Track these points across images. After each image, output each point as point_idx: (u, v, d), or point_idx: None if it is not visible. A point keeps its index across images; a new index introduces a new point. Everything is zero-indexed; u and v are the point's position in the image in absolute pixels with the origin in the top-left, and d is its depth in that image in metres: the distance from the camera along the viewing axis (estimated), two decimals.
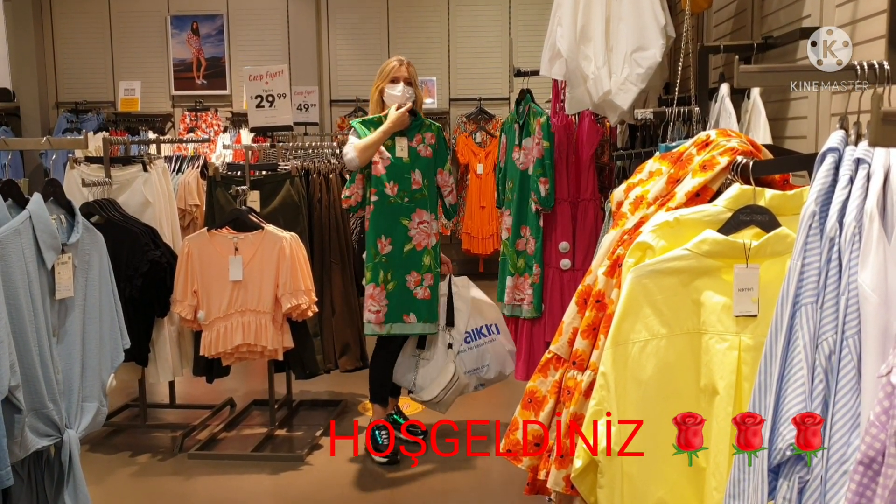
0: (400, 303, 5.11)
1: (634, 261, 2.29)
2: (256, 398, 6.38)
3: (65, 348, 2.81)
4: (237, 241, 5.20)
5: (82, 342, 2.88)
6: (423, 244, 5.17)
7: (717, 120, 3.50)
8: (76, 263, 2.87)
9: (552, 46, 4.44)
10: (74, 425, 2.87)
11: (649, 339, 2.24)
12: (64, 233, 2.87)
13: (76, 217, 2.95)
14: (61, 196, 2.93)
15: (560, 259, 5.39)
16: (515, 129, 5.51)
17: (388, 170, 5.08)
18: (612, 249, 2.48)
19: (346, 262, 5.90)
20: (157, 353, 5.50)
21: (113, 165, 5.56)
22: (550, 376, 2.59)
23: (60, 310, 2.81)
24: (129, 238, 5.22)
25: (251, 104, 6.21)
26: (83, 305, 2.91)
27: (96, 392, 2.94)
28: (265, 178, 5.75)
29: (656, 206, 2.45)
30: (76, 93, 12.03)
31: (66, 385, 2.80)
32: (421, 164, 5.19)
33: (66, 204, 2.94)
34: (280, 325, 5.23)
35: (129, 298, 5.18)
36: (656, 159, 2.60)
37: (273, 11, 11.80)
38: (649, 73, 4.11)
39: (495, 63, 11.63)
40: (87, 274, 2.95)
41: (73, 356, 2.84)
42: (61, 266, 2.76)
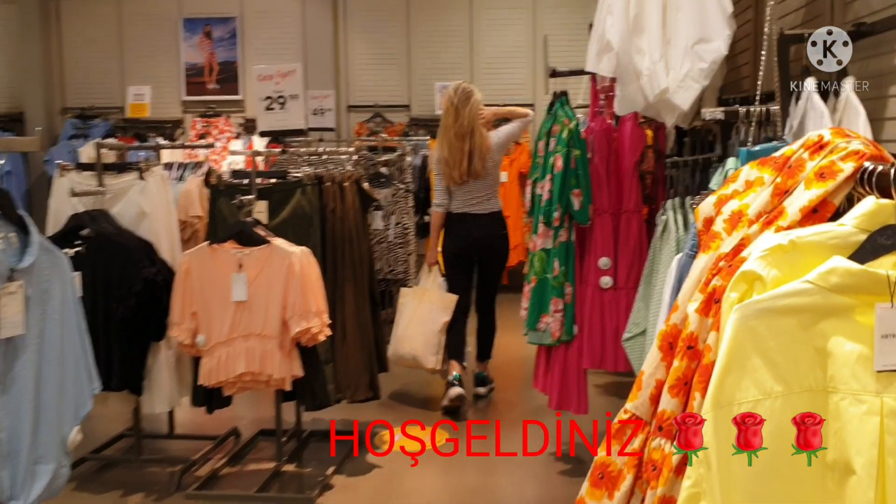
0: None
1: (738, 296, 1.75)
2: (264, 427, 5.83)
3: (11, 399, 2.27)
4: (241, 257, 4.67)
5: (36, 391, 2.33)
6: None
7: (803, 120, 2.95)
8: (30, 293, 2.34)
9: (601, 38, 3.87)
10: (21, 496, 2.30)
11: (760, 400, 1.70)
12: (14, 255, 2.33)
13: (31, 236, 2.40)
14: (11, 210, 2.38)
15: (600, 276, 4.85)
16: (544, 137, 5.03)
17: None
18: (706, 279, 1.93)
19: (359, 279, 5.33)
20: (153, 381, 4.99)
21: (106, 173, 5.05)
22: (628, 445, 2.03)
23: (7, 351, 2.27)
24: (123, 253, 4.73)
25: (260, 106, 5.67)
26: (38, 345, 2.37)
27: (53, 451, 2.39)
28: (274, 186, 5.20)
29: (761, 225, 1.90)
30: (84, 98, 11.69)
31: (12, 446, 2.26)
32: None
33: (18, 220, 2.39)
34: (288, 352, 4.69)
35: (122, 320, 4.73)
36: (754, 166, 2.05)
37: (288, 13, 11.46)
38: (713, 68, 3.56)
39: (521, 67, 11.20)
40: (46, 306, 2.41)
41: (22, 409, 2.29)
42: (7, 297, 2.22)
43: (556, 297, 4.92)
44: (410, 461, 5.40)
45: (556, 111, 5.00)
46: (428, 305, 6.40)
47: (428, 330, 6.32)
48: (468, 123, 6.18)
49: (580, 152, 4.77)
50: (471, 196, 6.38)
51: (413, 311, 6.43)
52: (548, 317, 4.96)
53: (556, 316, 4.92)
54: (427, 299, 6.45)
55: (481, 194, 6.39)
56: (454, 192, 6.40)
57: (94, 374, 2.60)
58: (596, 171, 4.82)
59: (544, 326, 4.99)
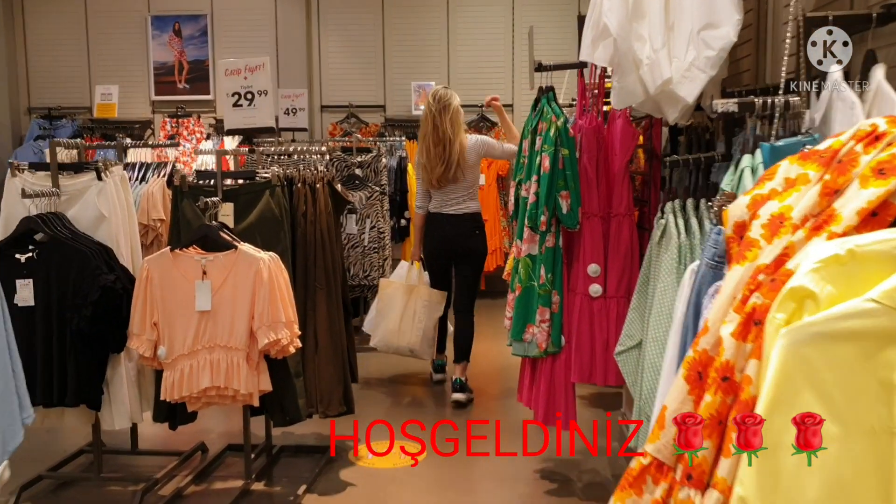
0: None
1: (786, 317, 1.46)
2: (233, 441, 5.51)
3: None
4: (205, 264, 4.36)
5: None
6: None
7: (828, 113, 2.65)
8: None
9: (596, 23, 3.55)
10: None
11: None
12: None
13: None
14: None
15: (589, 284, 4.55)
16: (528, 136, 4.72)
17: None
18: (742, 296, 1.62)
19: (332, 287, 4.99)
20: (112, 396, 4.67)
21: (62, 173, 4.72)
22: (647, 493, 1.71)
23: None
24: (78, 259, 4.42)
25: (227, 103, 5.35)
26: None
27: None
28: (241, 187, 4.85)
29: (807, 231, 1.60)
30: (50, 97, 11.36)
31: None
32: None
33: None
34: (256, 365, 4.38)
35: (78, 331, 4.41)
36: (795, 161, 1.75)
37: (260, 11, 11.17)
38: (721, 56, 3.25)
39: (499, 67, 10.92)
40: None
41: None
42: None
43: (542, 307, 4.61)
44: (386, 477, 5.12)
45: (543, 107, 4.67)
46: (421, 301, 6.65)
47: (424, 326, 6.62)
48: (444, 132, 6.40)
49: (569, 151, 4.47)
50: (448, 198, 6.58)
51: (404, 305, 6.66)
52: (534, 327, 4.66)
53: (543, 326, 4.61)
54: (418, 294, 6.68)
55: (458, 195, 6.56)
56: (433, 193, 6.62)
57: (25, 403, 2.29)
58: (585, 172, 4.51)
59: (530, 337, 4.68)
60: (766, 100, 2.75)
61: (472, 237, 6.66)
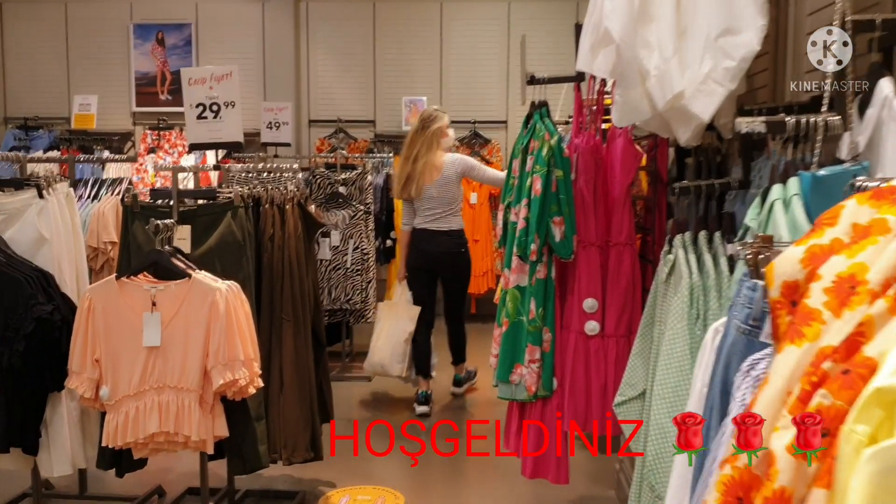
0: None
1: (870, 431, 0.99)
2: (193, 485, 5.00)
3: None
4: (155, 294, 3.88)
5: None
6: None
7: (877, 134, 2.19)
8: None
9: (596, 28, 3.04)
10: None
11: None
12: None
13: None
14: None
15: (584, 321, 4.09)
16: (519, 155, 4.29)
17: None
18: (801, 391, 1.15)
19: (300, 318, 4.52)
20: (52, 439, 4.22)
21: (1, 190, 4.25)
22: None
23: None
24: (11, 287, 3.97)
25: (191, 115, 4.87)
26: None
27: None
28: (199, 208, 4.38)
29: (892, 301, 1.13)
30: (27, 107, 10.93)
31: None
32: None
33: None
34: (210, 408, 3.89)
35: (9, 368, 3.95)
36: (865, 200, 1.27)
37: (247, 21, 10.75)
38: (743, 67, 2.76)
39: (492, 82, 10.53)
40: None
41: None
42: None
43: (531, 345, 4.15)
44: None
45: (535, 124, 4.22)
46: (396, 317, 6.72)
47: (394, 341, 6.65)
48: (415, 149, 6.56)
49: (563, 173, 4.02)
50: (429, 213, 6.64)
51: (384, 323, 6.76)
52: (522, 367, 4.19)
53: (532, 367, 4.15)
54: (395, 312, 6.76)
55: (439, 211, 6.62)
56: (416, 209, 6.67)
57: None
58: (581, 196, 4.06)
59: (518, 379, 4.21)
60: (801, 118, 2.28)
61: (454, 254, 6.73)
